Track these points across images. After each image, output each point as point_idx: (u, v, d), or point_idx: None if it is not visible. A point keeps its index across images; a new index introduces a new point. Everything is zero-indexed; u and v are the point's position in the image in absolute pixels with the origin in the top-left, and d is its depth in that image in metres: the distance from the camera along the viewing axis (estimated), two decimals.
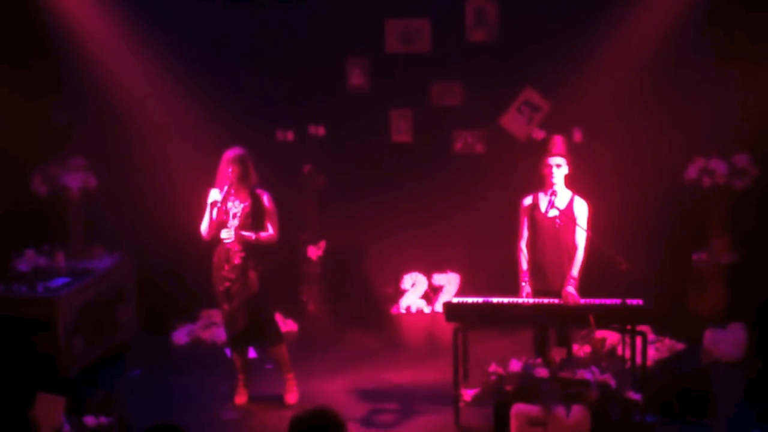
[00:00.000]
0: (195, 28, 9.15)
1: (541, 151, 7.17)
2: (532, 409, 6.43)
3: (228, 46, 9.23)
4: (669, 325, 8.52)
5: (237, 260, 7.24)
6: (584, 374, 6.52)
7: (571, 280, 6.96)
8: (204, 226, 7.31)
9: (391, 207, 9.41)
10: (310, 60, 9.27)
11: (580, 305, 6.84)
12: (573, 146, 8.03)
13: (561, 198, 7.06)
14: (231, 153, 7.27)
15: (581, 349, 8.33)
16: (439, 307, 9.35)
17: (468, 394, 6.82)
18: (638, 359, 6.80)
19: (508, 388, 6.56)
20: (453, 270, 9.53)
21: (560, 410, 6.38)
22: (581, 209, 7.07)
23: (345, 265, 9.60)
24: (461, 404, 6.88)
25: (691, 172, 8.62)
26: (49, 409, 6.49)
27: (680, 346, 8.48)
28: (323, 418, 4.21)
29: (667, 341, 8.47)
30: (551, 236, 7.04)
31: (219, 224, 7.27)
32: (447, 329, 7.21)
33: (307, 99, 9.32)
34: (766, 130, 8.45)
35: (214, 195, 7.24)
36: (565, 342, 7.10)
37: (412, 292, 9.60)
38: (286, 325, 9.09)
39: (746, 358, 8.19)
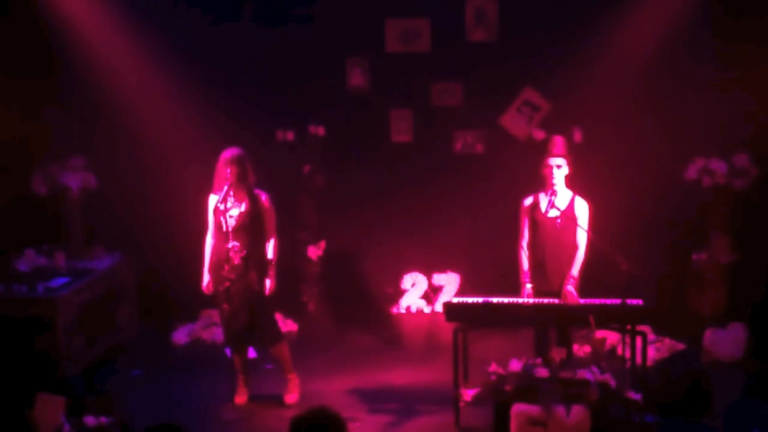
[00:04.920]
0: (195, 28, 9.15)
1: (542, 151, 7.17)
2: (532, 409, 6.43)
3: (228, 47, 9.22)
4: (669, 325, 8.52)
5: (237, 260, 7.23)
6: (584, 374, 6.51)
7: (571, 280, 6.96)
8: (209, 240, 7.34)
9: (391, 207, 9.43)
10: (310, 60, 9.27)
11: (580, 305, 6.84)
12: (573, 146, 8.03)
13: (561, 198, 7.06)
14: (228, 153, 7.26)
15: (581, 349, 8.33)
16: (439, 307, 9.36)
17: (468, 394, 6.81)
18: (638, 359, 6.79)
19: (508, 388, 6.55)
20: (453, 270, 9.54)
21: (560, 410, 6.38)
22: (582, 209, 7.07)
23: (345, 265, 9.61)
24: (461, 404, 6.88)
25: (691, 172, 8.62)
26: (49, 409, 6.49)
27: (680, 346, 8.48)
28: (324, 418, 4.22)
29: (667, 341, 8.47)
30: (552, 236, 7.04)
31: (218, 226, 7.28)
32: (447, 329, 7.20)
33: (307, 99, 9.32)
34: (765, 130, 8.46)
35: (214, 201, 7.26)
36: (565, 342, 7.09)
37: (412, 292, 9.61)
38: (286, 325, 9.08)
39: (746, 358, 8.19)
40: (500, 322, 7.31)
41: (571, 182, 7.12)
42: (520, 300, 7.01)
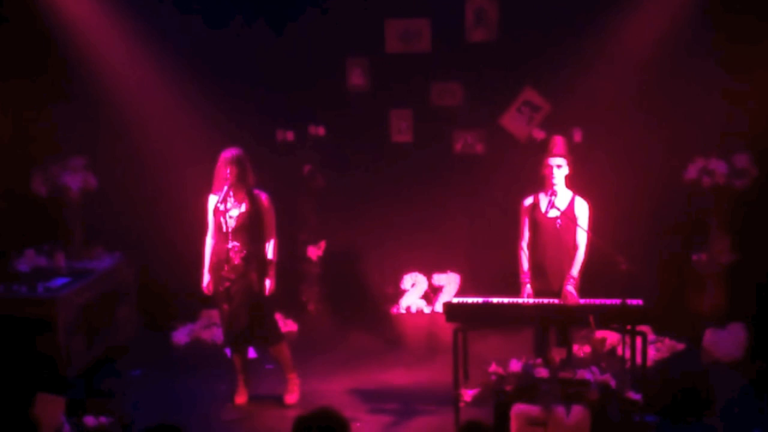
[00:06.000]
0: (196, 28, 9.15)
1: (542, 151, 7.17)
2: (532, 409, 6.43)
3: (228, 47, 9.22)
4: (669, 325, 8.52)
5: (237, 260, 7.24)
6: (584, 374, 6.51)
7: (571, 280, 6.96)
8: (209, 241, 7.34)
9: (391, 207, 9.42)
10: (310, 60, 9.27)
11: (580, 305, 6.84)
12: (573, 146, 8.03)
13: (561, 198, 7.06)
14: (228, 154, 7.25)
15: (581, 349, 8.34)
16: (439, 307, 9.36)
17: (468, 394, 6.82)
18: (638, 359, 6.79)
19: (508, 388, 6.55)
20: (453, 270, 9.53)
21: (560, 410, 6.38)
22: (582, 209, 7.07)
23: (345, 265, 9.61)
24: (461, 404, 6.88)
25: (691, 172, 8.62)
26: (49, 409, 6.49)
27: (680, 346, 8.49)
28: (327, 419, 4.24)
29: (667, 341, 8.48)
30: (552, 236, 7.04)
31: (218, 227, 7.28)
32: (447, 329, 7.20)
33: (307, 99, 9.32)
34: (765, 130, 8.46)
35: (214, 201, 7.26)
36: (565, 342, 7.09)
37: (412, 292, 9.60)
38: (286, 325, 9.09)
39: (746, 358, 8.19)
40: (500, 322, 7.32)
41: (571, 182, 7.13)
42: (520, 300, 7.01)
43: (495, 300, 6.93)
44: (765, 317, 8.36)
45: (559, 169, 7.04)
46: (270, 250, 7.37)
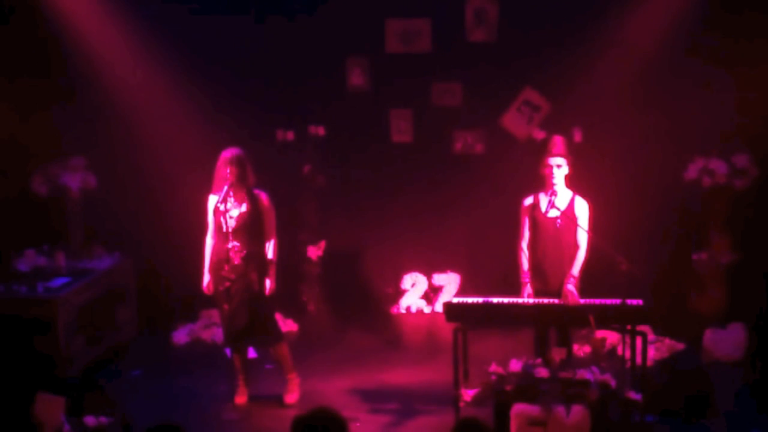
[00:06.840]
0: (196, 28, 9.15)
1: (542, 151, 7.17)
2: (532, 409, 6.43)
3: (228, 47, 9.23)
4: (669, 325, 8.52)
5: (237, 260, 7.23)
6: (584, 374, 6.51)
7: (572, 279, 6.97)
8: (209, 241, 7.34)
9: (391, 207, 9.43)
10: (310, 60, 9.27)
11: (580, 305, 6.84)
12: (573, 146, 8.03)
13: (561, 198, 7.06)
14: (228, 154, 7.25)
15: (581, 349, 8.34)
16: (439, 307, 9.36)
17: (468, 394, 6.82)
18: (638, 359, 6.79)
19: (508, 388, 6.56)
20: (453, 270, 9.54)
21: (560, 410, 6.38)
22: (582, 209, 7.07)
23: (345, 265, 9.60)
24: (461, 404, 6.88)
25: (691, 172, 8.62)
26: (49, 409, 6.50)
27: (680, 346, 8.49)
28: (325, 419, 4.24)
29: (667, 341, 8.48)
30: (552, 236, 7.04)
31: (218, 227, 7.28)
32: (447, 329, 7.21)
33: (307, 99, 9.32)
34: (765, 130, 8.46)
35: (214, 201, 7.25)
36: (565, 342, 7.10)
37: (412, 292, 9.61)
38: (286, 325, 9.09)
39: (746, 358, 8.19)
40: (500, 322, 7.31)
41: (571, 182, 7.13)
42: (520, 300, 7.02)
43: (495, 300, 6.93)
44: (765, 317, 8.35)
45: (559, 169, 7.04)
46: (270, 249, 7.37)
